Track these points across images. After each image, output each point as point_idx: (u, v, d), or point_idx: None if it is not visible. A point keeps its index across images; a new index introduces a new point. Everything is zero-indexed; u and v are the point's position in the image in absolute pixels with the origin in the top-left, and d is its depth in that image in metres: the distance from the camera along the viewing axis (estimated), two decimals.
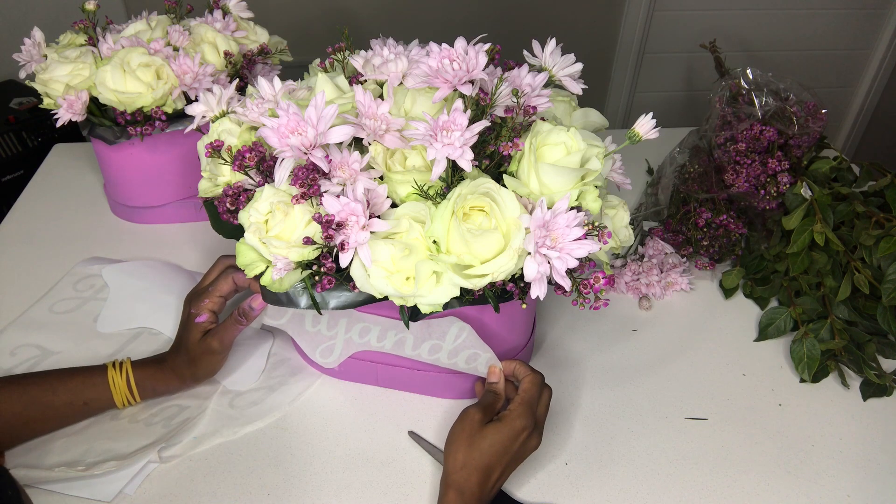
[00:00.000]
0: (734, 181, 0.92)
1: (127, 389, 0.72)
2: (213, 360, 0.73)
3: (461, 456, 0.63)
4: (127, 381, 0.72)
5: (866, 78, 2.35)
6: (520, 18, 2.08)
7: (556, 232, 0.56)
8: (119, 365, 0.72)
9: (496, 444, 0.63)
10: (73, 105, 0.89)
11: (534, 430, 0.65)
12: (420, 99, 0.64)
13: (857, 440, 0.76)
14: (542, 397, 0.68)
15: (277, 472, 0.70)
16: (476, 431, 0.64)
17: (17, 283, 0.94)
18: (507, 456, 0.63)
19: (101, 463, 0.69)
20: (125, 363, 0.72)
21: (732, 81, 0.99)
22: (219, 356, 0.73)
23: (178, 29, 0.93)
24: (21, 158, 1.70)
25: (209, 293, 0.72)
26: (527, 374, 0.69)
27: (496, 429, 0.63)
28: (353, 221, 0.57)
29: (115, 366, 0.72)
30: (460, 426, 0.65)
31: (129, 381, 0.72)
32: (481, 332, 0.70)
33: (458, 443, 0.64)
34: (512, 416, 0.64)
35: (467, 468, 0.62)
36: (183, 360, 0.73)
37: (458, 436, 0.64)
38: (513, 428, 0.63)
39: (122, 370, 0.72)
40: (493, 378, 0.71)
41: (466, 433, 0.64)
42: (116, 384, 0.71)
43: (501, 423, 0.64)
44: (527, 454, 0.66)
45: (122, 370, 0.72)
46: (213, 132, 0.70)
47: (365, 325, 0.72)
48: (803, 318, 0.87)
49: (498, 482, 0.64)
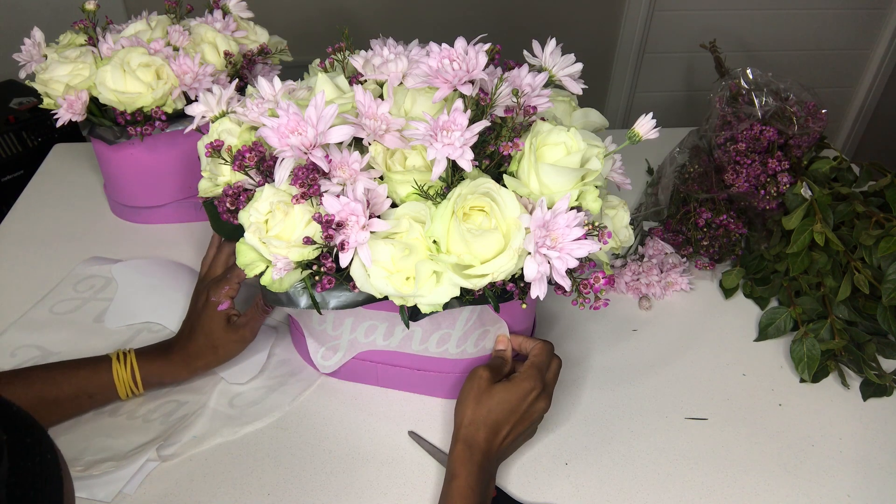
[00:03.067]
0: (734, 181, 0.92)
1: (131, 380, 0.72)
2: (237, 347, 0.75)
3: (469, 412, 0.65)
4: (131, 372, 0.72)
5: (866, 78, 2.34)
6: (520, 18, 2.08)
7: (557, 232, 0.56)
8: (123, 356, 0.72)
9: (504, 402, 0.65)
10: (73, 105, 0.89)
11: (542, 392, 0.67)
12: (420, 99, 0.64)
13: (857, 440, 0.76)
14: (551, 364, 0.70)
15: (277, 472, 0.70)
16: (484, 389, 0.66)
17: (17, 283, 0.94)
18: (516, 415, 0.65)
19: (100, 463, 0.69)
20: (129, 354, 0.73)
21: (732, 81, 0.99)
22: (245, 344, 0.76)
23: (178, 29, 0.93)
24: (21, 158, 1.70)
25: (228, 280, 0.74)
26: (535, 343, 0.71)
27: (504, 388, 0.66)
28: (353, 221, 0.57)
29: (119, 357, 0.72)
30: (469, 384, 0.67)
31: (133, 372, 0.72)
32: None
33: (467, 400, 0.66)
34: (521, 377, 0.66)
35: (475, 423, 0.64)
36: (200, 347, 0.73)
37: (467, 393, 0.66)
38: (521, 388, 0.66)
39: (125, 362, 0.72)
40: (502, 346, 0.73)
41: (475, 391, 0.66)
42: (120, 376, 0.71)
43: (510, 383, 0.66)
44: (535, 416, 0.67)
45: (127, 362, 0.72)
46: (214, 132, 0.69)
47: (372, 324, 0.72)
48: (803, 318, 0.87)
49: (506, 440, 0.65)
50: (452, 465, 0.63)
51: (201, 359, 0.74)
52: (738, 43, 2.21)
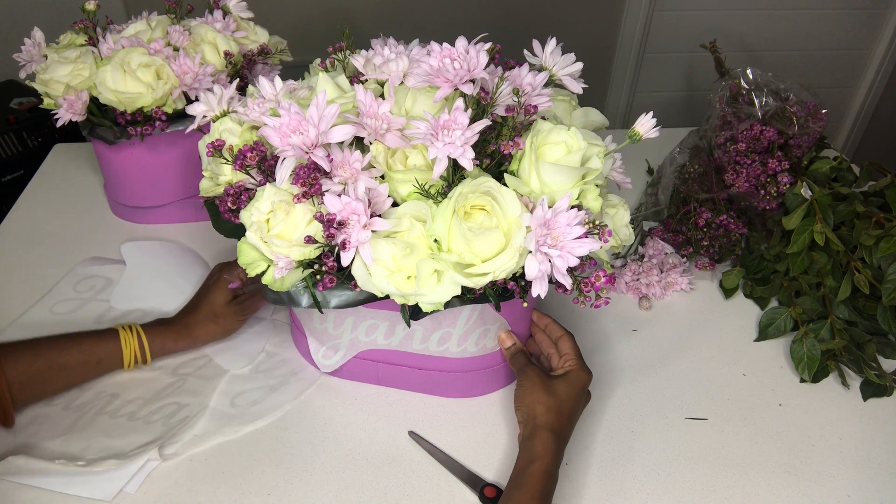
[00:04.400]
0: (734, 181, 0.92)
1: (138, 348, 0.76)
2: (235, 321, 0.81)
3: (545, 400, 0.67)
4: (139, 341, 0.76)
5: (866, 78, 2.35)
6: (520, 18, 2.08)
7: (557, 230, 0.56)
8: (129, 327, 0.76)
9: (571, 391, 0.68)
10: (74, 105, 0.89)
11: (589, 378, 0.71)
12: (421, 98, 0.64)
13: (857, 440, 0.76)
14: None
15: (277, 472, 0.70)
16: (547, 382, 0.68)
17: (17, 283, 0.94)
18: (578, 405, 0.69)
19: (101, 461, 0.69)
20: (134, 325, 0.77)
21: (732, 81, 0.99)
22: (241, 321, 0.83)
23: (178, 29, 0.93)
24: (21, 158, 1.70)
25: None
26: (562, 333, 0.74)
27: (566, 381, 0.69)
28: (354, 220, 0.57)
29: (126, 328, 0.76)
30: (529, 382, 0.69)
31: (140, 341, 0.76)
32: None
33: (535, 393, 0.68)
34: (577, 370, 0.70)
35: (552, 411, 0.66)
36: (203, 317, 0.80)
37: (531, 388, 0.68)
38: (580, 378, 0.70)
39: (133, 332, 0.76)
40: (507, 343, 0.74)
41: (539, 385, 0.68)
42: (128, 343, 0.75)
43: (570, 375, 0.70)
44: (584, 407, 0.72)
45: (133, 332, 0.76)
46: (215, 131, 0.70)
47: (373, 323, 0.72)
48: (803, 318, 0.87)
49: (573, 425, 0.69)
50: (536, 450, 0.64)
51: (201, 327, 0.80)
52: (738, 43, 2.22)
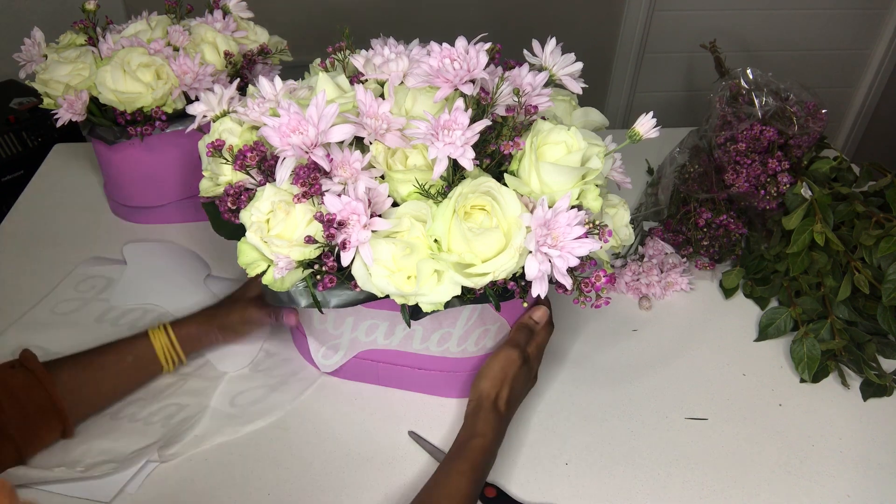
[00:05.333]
0: (734, 181, 0.92)
1: (168, 343, 0.76)
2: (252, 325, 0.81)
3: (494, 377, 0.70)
4: (169, 339, 0.76)
5: (866, 78, 2.34)
6: (520, 18, 2.08)
7: (557, 230, 0.56)
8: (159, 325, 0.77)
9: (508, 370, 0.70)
10: (73, 105, 0.89)
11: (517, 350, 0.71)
12: (421, 98, 0.64)
13: (857, 440, 0.76)
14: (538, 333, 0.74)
15: (277, 472, 0.70)
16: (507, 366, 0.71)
17: (17, 283, 0.94)
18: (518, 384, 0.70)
19: (101, 464, 0.69)
20: (166, 325, 0.77)
21: (732, 81, 0.99)
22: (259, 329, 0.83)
23: (178, 29, 0.93)
24: (21, 158, 1.70)
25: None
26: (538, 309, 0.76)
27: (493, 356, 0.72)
28: (354, 220, 0.57)
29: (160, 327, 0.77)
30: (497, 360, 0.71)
31: (171, 340, 0.76)
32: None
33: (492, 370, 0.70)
34: (506, 347, 0.71)
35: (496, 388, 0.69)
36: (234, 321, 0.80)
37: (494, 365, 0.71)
38: (507, 356, 0.70)
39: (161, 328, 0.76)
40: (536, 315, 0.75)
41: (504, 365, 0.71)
42: (157, 337, 0.76)
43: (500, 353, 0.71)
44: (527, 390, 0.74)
45: (161, 328, 0.76)
46: (215, 131, 0.69)
47: (373, 322, 0.72)
48: (803, 318, 0.87)
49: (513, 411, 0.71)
50: (479, 427, 0.65)
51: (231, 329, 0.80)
52: (738, 43, 2.22)
